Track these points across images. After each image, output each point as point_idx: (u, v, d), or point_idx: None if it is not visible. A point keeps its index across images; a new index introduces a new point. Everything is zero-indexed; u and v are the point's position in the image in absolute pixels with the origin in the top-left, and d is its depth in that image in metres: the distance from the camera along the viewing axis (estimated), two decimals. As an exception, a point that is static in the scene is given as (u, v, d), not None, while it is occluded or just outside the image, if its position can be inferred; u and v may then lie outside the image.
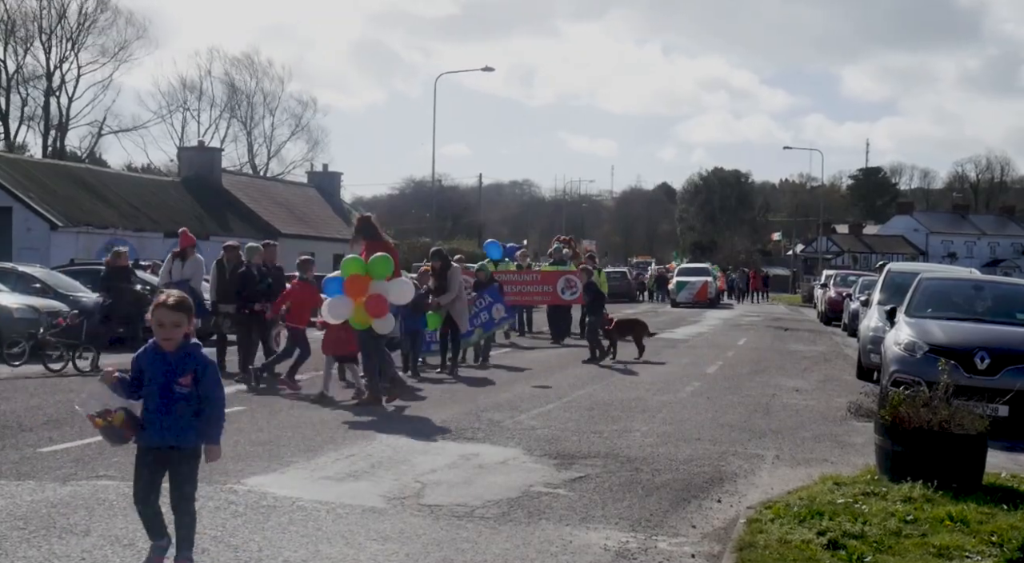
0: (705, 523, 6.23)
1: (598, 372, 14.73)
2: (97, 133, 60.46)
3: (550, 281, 21.22)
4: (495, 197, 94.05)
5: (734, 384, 13.65)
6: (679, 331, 25.11)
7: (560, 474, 7.44)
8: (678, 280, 43.79)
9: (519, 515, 6.20)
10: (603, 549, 5.55)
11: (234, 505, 6.18)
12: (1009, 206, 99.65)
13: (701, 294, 42.03)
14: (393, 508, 6.29)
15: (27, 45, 54.48)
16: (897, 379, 9.97)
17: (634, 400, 11.61)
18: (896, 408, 6.98)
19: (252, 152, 67.27)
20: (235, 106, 65.82)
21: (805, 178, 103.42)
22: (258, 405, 10.58)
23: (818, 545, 5.38)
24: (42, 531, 5.49)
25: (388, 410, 10.42)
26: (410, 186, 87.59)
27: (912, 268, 17.46)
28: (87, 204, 33.30)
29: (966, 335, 10.49)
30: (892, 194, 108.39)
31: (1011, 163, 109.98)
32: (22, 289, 17.43)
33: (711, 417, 10.51)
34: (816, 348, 20.90)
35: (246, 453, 7.87)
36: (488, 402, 11.13)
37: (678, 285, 42.99)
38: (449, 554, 5.35)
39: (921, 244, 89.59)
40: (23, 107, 55.79)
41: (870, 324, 14.72)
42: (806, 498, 6.41)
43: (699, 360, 17.23)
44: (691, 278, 43.50)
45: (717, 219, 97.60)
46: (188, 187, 40.34)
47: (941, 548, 5.37)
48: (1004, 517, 6.03)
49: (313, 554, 5.26)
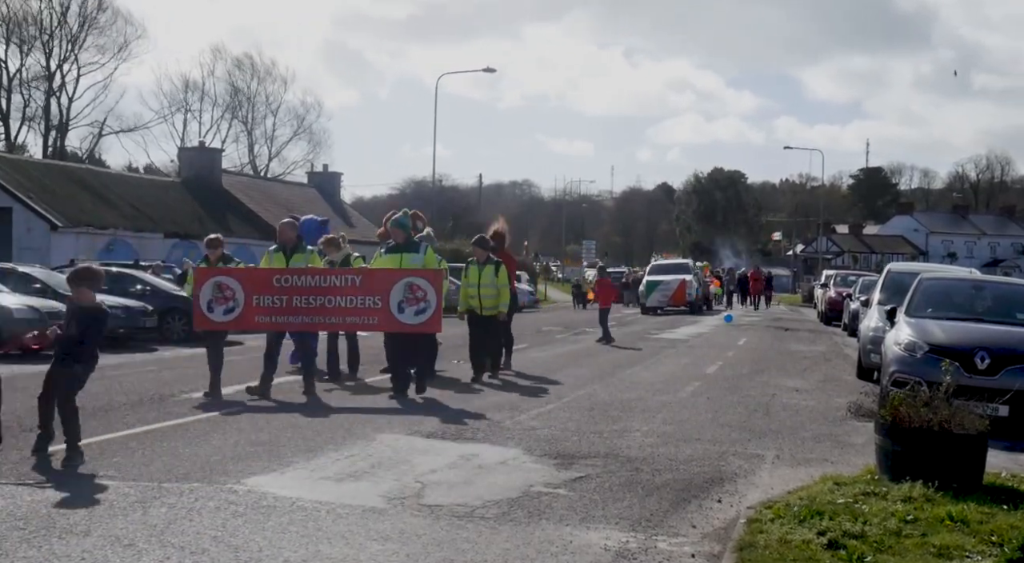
0: (705, 523, 6.23)
1: (598, 372, 14.73)
2: (97, 133, 60.63)
3: (378, 289, 11.21)
4: (495, 197, 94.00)
5: (734, 384, 13.65)
6: (679, 331, 25.11)
7: (560, 474, 7.44)
8: (648, 280, 36.02)
9: (519, 515, 6.20)
10: (603, 549, 5.55)
11: (234, 505, 6.18)
12: (1009, 206, 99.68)
13: (678, 296, 34.77)
14: (393, 508, 6.29)
15: (28, 46, 54.57)
16: (897, 379, 9.96)
17: (634, 400, 11.61)
18: (896, 408, 6.98)
19: (253, 152, 67.36)
20: (236, 106, 65.91)
21: (805, 178, 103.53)
22: (258, 405, 10.58)
23: (818, 545, 5.38)
24: (42, 531, 5.49)
25: (388, 410, 10.42)
26: (410, 186, 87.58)
27: (912, 268, 17.47)
28: (87, 204, 33.31)
29: (966, 335, 10.49)
30: (892, 194, 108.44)
31: (1011, 163, 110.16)
32: (22, 289, 17.46)
33: (711, 417, 10.51)
34: (816, 348, 20.89)
35: (246, 453, 7.87)
36: (488, 402, 11.13)
37: (648, 286, 35.37)
38: (449, 554, 5.35)
39: (921, 244, 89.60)
40: (24, 108, 55.95)
41: (870, 324, 14.72)
42: (806, 498, 6.40)
43: (699, 360, 17.22)
44: (665, 277, 35.52)
45: (714, 220, 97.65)
46: (188, 188, 40.35)
47: (941, 548, 5.36)
48: (1004, 517, 6.02)
49: (313, 554, 5.26)
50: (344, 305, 11.28)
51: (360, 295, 11.27)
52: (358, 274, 11.69)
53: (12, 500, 6.18)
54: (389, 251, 11.80)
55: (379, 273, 11.59)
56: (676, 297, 34.60)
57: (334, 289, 11.31)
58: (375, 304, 11.21)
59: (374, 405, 10.73)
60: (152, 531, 5.54)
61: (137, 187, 38.32)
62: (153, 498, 6.32)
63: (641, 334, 23.61)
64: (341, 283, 11.36)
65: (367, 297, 11.25)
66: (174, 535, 5.48)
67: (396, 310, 11.08)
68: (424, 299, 11.06)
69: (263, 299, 11.17)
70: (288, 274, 11.36)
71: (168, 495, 6.41)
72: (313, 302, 11.26)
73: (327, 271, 11.96)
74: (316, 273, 11.57)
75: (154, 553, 5.16)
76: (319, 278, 11.45)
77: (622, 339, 21.81)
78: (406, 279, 11.13)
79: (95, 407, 9.12)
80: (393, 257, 11.68)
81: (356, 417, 9.84)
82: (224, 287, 11.15)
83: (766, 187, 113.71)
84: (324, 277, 11.52)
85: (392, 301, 11.10)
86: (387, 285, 11.18)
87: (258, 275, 11.49)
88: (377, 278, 11.42)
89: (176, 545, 5.30)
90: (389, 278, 11.27)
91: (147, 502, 6.21)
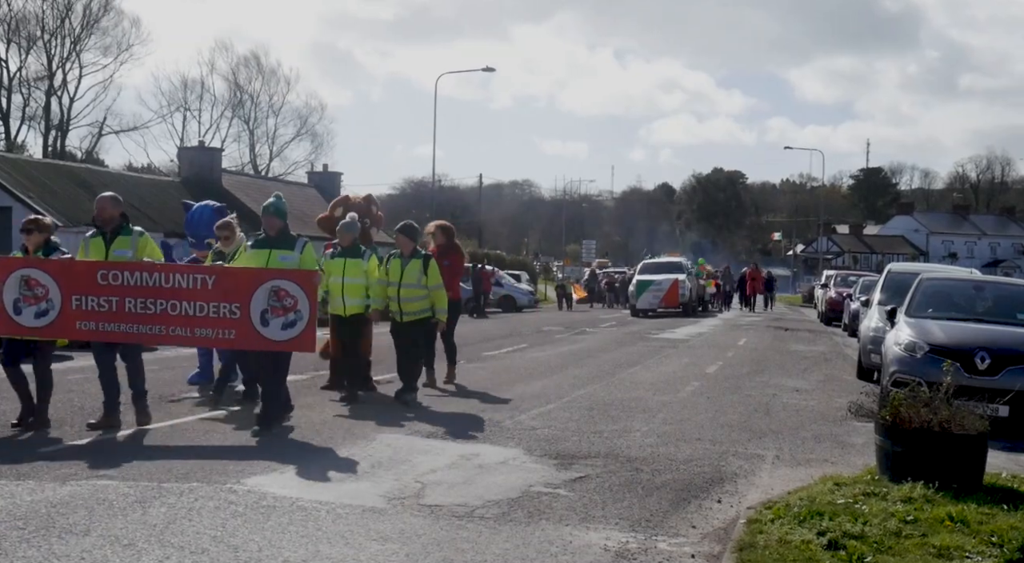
0: (705, 523, 6.23)
1: (598, 372, 14.72)
2: (98, 133, 60.61)
3: (236, 293, 8.78)
4: (495, 197, 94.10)
5: (734, 384, 13.64)
6: (679, 331, 25.10)
7: (560, 474, 7.44)
8: (639, 279, 33.76)
9: (519, 515, 6.20)
10: (603, 549, 5.55)
11: (234, 505, 6.18)
12: (1009, 206, 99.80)
13: (670, 298, 32.52)
14: (393, 508, 6.29)
15: (29, 45, 54.62)
16: (897, 379, 9.97)
17: (634, 400, 11.61)
18: (896, 408, 6.98)
19: (254, 152, 67.41)
20: (237, 105, 65.96)
21: (805, 178, 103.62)
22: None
23: (818, 545, 5.38)
24: (42, 531, 5.49)
25: (388, 410, 10.42)
26: (409, 186, 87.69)
27: (912, 268, 17.45)
28: (87, 204, 33.24)
29: (966, 335, 10.49)
30: (892, 194, 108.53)
31: (1011, 163, 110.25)
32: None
33: (711, 417, 10.51)
34: (816, 348, 20.89)
35: (246, 453, 7.87)
36: (488, 402, 11.12)
37: (639, 286, 33.25)
38: (449, 554, 5.35)
39: (921, 244, 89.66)
40: (24, 107, 55.97)
41: (870, 324, 14.72)
42: (806, 498, 6.40)
43: (699, 360, 17.22)
44: (656, 277, 33.19)
45: (714, 220, 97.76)
46: (188, 187, 40.30)
47: (941, 548, 5.36)
48: (1004, 517, 6.02)
49: (313, 554, 5.26)
50: (193, 313, 8.71)
51: (214, 301, 8.70)
52: (211, 273, 8.94)
53: (12, 500, 6.18)
54: (257, 245, 9.31)
55: (239, 273, 8.98)
56: (668, 298, 32.54)
57: (180, 292, 8.72)
58: (232, 313, 8.68)
59: (373, 405, 10.73)
60: (152, 531, 5.54)
61: (137, 187, 38.29)
62: (153, 498, 6.32)
63: (641, 334, 23.61)
64: (189, 284, 8.75)
65: (222, 304, 8.69)
66: (174, 535, 5.48)
67: (259, 322, 8.61)
68: (294, 308, 8.57)
69: (86, 300, 8.71)
70: (116, 269, 8.74)
71: (168, 495, 6.41)
72: (152, 307, 8.72)
73: (170, 268, 9.32)
74: (154, 269, 8.84)
75: (154, 553, 5.16)
76: (159, 276, 8.79)
77: (622, 339, 21.82)
78: (272, 282, 8.63)
79: (95, 406, 9.11)
80: (259, 253, 9.15)
81: (356, 418, 9.84)
82: (34, 283, 8.69)
83: (766, 187, 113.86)
84: (166, 275, 8.82)
85: (254, 310, 8.62)
86: (248, 289, 8.65)
87: (77, 270, 8.81)
88: (236, 279, 8.82)
89: (176, 545, 5.30)
90: (251, 280, 8.72)
91: (147, 502, 6.21)
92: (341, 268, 10.82)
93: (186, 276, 8.88)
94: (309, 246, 9.24)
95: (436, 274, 10.90)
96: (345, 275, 10.78)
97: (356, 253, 10.92)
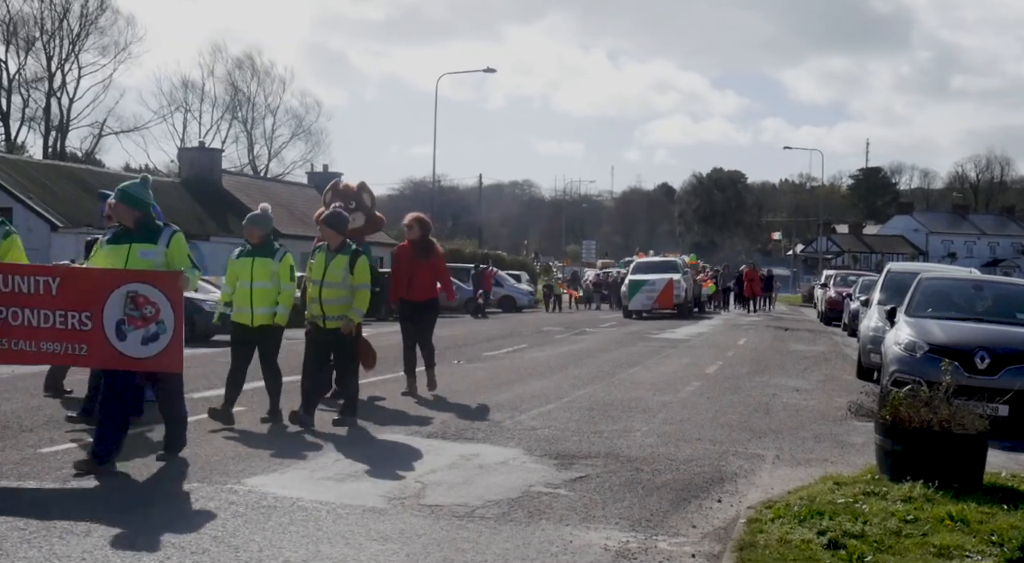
0: (705, 523, 6.23)
1: (598, 372, 14.73)
2: (98, 134, 60.64)
3: (86, 300, 6.98)
4: (495, 197, 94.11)
5: (734, 384, 13.65)
6: (679, 331, 25.11)
7: (560, 474, 7.44)
8: (632, 279, 32.54)
9: (519, 515, 6.21)
10: (603, 549, 5.55)
11: (234, 505, 6.19)
12: (1009, 206, 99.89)
13: (664, 298, 31.39)
14: (393, 508, 6.29)
15: (28, 46, 54.65)
16: (897, 379, 9.98)
17: (634, 400, 11.61)
18: (896, 408, 6.98)
19: (253, 153, 67.45)
20: (236, 107, 66.00)
21: (805, 178, 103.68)
22: (257, 405, 10.57)
23: (818, 545, 5.39)
24: (42, 531, 5.49)
25: (387, 411, 10.42)
26: (409, 186, 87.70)
27: (912, 268, 17.46)
28: (87, 204, 33.29)
29: (966, 335, 10.50)
30: (892, 194, 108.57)
31: (1011, 163, 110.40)
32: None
33: (711, 417, 10.51)
34: (816, 348, 20.90)
35: (246, 453, 7.88)
36: (488, 402, 11.13)
37: (632, 286, 31.98)
38: (449, 554, 5.35)
39: (921, 244, 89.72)
40: (24, 108, 56.01)
41: (870, 324, 14.72)
42: (806, 498, 6.41)
43: (699, 360, 17.22)
44: (650, 277, 32.00)
45: (714, 220, 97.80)
46: (188, 188, 40.36)
47: (941, 548, 5.37)
48: (1004, 517, 6.03)
49: (313, 554, 5.27)
50: (36, 324, 7.02)
51: (60, 309, 6.99)
52: (54, 275, 7.20)
53: (12, 500, 6.18)
54: (114, 240, 7.33)
55: (88, 275, 7.37)
56: (662, 299, 31.40)
57: (18, 297, 7.04)
58: (83, 324, 6.97)
59: (374, 406, 10.73)
60: (152, 531, 5.54)
61: (137, 187, 38.35)
62: (153, 498, 6.32)
63: (641, 334, 23.61)
64: (29, 288, 7.04)
65: (70, 312, 6.99)
66: (174, 535, 5.48)
67: (114, 335, 6.90)
68: (155, 319, 6.86)
69: None
70: None
71: (169, 495, 6.41)
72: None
73: (7, 268, 7.52)
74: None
75: (154, 553, 5.16)
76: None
77: (622, 339, 21.82)
78: (128, 286, 6.90)
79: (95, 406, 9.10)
80: (117, 249, 7.23)
81: (356, 418, 9.83)
82: None
83: (766, 187, 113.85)
84: (3, 276, 7.13)
85: (107, 320, 6.91)
86: (100, 295, 6.93)
87: None
88: (85, 283, 7.13)
89: (176, 545, 5.30)
90: (104, 283, 7.00)
91: (147, 502, 6.21)
92: (249, 270, 9.06)
93: (26, 279, 7.09)
94: (177, 238, 7.30)
95: (364, 272, 9.29)
96: (254, 279, 9.03)
97: (267, 252, 9.13)
